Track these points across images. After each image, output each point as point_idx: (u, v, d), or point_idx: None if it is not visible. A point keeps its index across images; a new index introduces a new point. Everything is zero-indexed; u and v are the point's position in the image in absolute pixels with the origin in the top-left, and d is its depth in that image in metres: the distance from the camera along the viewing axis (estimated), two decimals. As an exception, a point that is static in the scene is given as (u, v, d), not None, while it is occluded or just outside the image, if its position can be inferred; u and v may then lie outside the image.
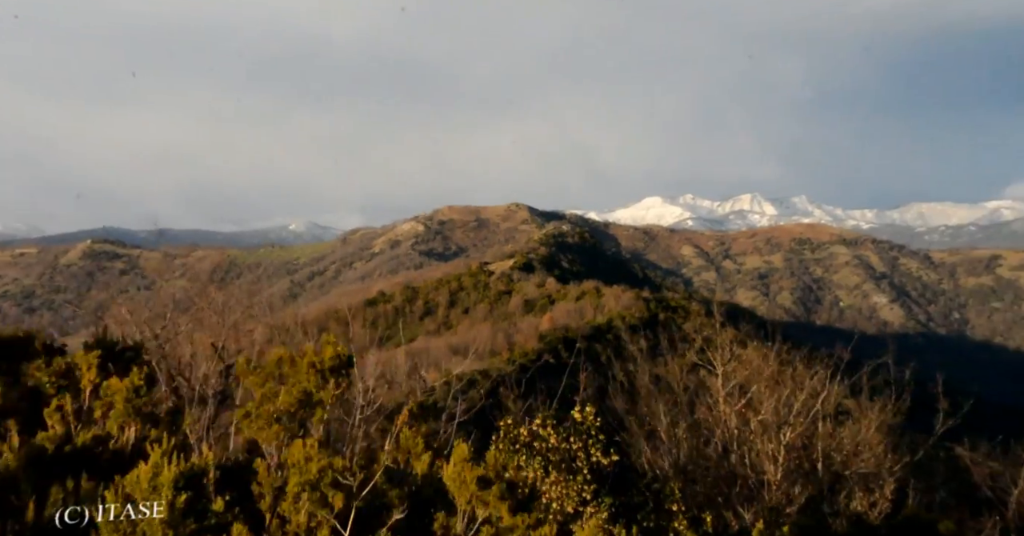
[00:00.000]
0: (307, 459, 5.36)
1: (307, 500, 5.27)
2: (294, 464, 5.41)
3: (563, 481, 5.96)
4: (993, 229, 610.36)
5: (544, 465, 6.09)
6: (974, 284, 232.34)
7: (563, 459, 6.07)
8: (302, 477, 5.31)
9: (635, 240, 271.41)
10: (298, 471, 5.35)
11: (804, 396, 10.89)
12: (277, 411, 6.12)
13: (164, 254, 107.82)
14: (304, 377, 6.29)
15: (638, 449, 9.88)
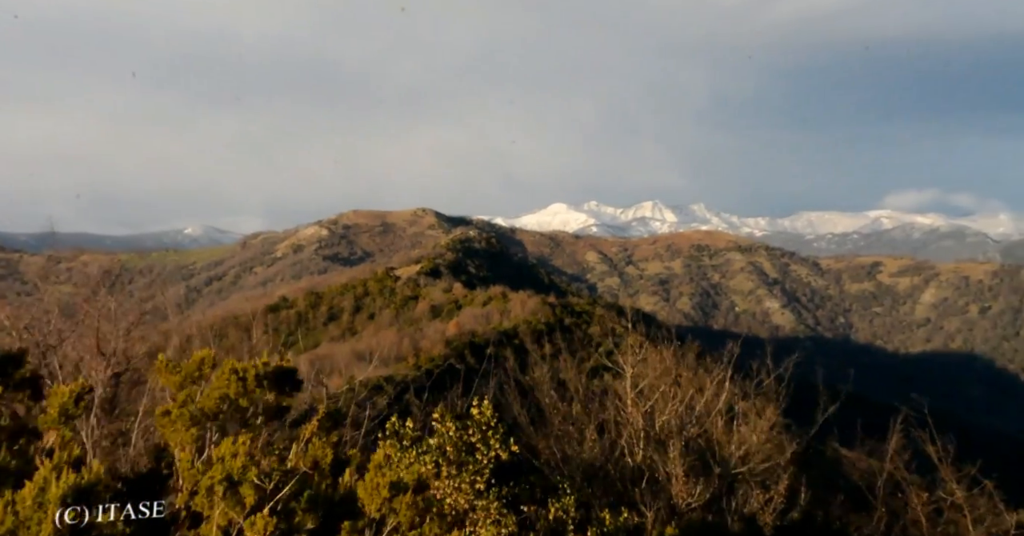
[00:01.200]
0: (234, 455, 5.19)
1: (222, 496, 5.09)
2: (219, 458, 5.23)
3: (456, 475, 5.96)
4: (874, 237, 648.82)
5: (436, 460, 6.07)
6: (857, 290, 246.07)
7: (460, 453, 6.08)
8: (223, 471, 5.14)
9: (541, 246, 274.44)
10: (221, 465, 5.16)
11: (704, 397, 11.27)
12: (200, 412, 5.90)
13: (48, 258, 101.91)
14: (233, 380, 6.08)
15: (545, 451, 9.99)
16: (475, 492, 6.04)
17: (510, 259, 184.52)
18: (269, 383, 6.23)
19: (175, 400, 6.08)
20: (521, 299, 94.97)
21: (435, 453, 6.23)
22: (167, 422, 5.80)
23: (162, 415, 5.84)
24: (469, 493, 6.01)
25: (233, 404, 6.02)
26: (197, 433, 5.77)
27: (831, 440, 25.55)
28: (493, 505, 5.99)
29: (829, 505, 12.43)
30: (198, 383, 6.20)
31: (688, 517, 8.64)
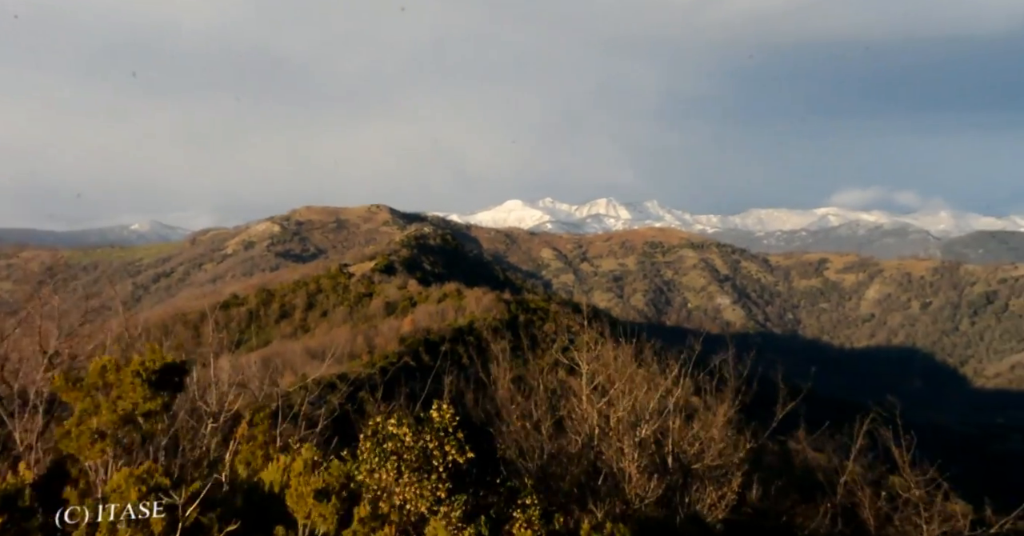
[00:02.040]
0: (126, 485, 4.97)
1: (123, 532, 4.90)
2: (113, 490, 5.00)
3: (417, 481, 5.89)
4: (822, 234, 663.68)
5: (398, 466, 5.99)
6: (805, 286, 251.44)
7: (418, 458, 6.00)
8: (119, 506, 4.92)
9: (496, 242, 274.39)
10: (118, 497, 4.95)
11: (658, 394, 11.35)
12: (101, 427, 5.65)
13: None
14: (129, 389, 5.83)
15: (501, 448, 9.96)
16: (435, 499, 5.96)
17: (465, 256, 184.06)
18: (155, 381, 5.98)
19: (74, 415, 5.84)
20: (476, 296, 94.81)
21: (394, 460, 6.13)
22: (68, 442, 5.57)
23: (63, 435, 5.60)
24: (429, 499, 5.94)
25: (133, 413, 5.78)
26: (103, 447, 5.55)
27: (782, 434, 26.04)
28: (455, 513, 5.92)
29: (780, 501, 12.64)
30: (103, 392, 5.94)
31: (642, 513, 8.69)
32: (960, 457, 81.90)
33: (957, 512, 11.51)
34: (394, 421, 6.20)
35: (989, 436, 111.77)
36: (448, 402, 6.66)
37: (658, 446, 10.57)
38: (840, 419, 13.91)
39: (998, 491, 13.42)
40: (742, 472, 11.04)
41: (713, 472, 10.83)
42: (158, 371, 5.89)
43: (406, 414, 6.39)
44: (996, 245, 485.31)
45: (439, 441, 6.08)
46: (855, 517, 11.84)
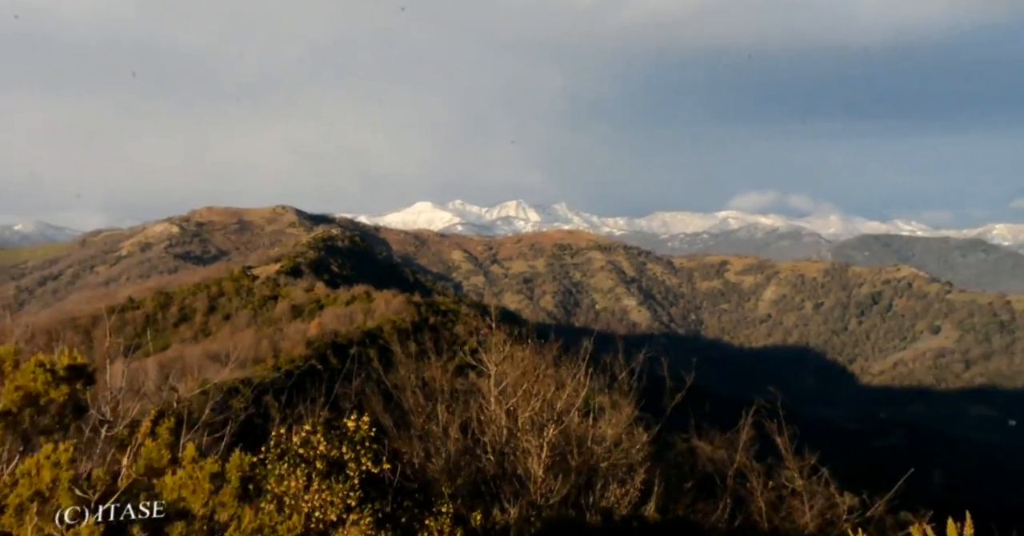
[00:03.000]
0: (39, 468, 4.78)
1: (34, 513, 4.71)
2: (25, 473, 4.80)
3: (327, 489, 5.84)
4: (722, 237, 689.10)
5: (308, 473, 5.92)
6: (707, 288, 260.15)
7: (330, 467, 5.95)
8: (31, 487, 4.74)
9: (406, 244, 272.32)
10: (28, 481, 4.75)
11: (565, 394, 11.56)
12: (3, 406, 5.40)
13: None
14: (30, 376, 5.57)
15: (410, 452, 9.94)
16: (345, 506, 5.92)
17: (374, 258, 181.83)
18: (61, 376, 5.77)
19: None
20: (386, 298, 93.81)
21: (305, 466, 6.05)
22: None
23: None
24: (339, 506, 5.89)
25: (39, 400, 5.54)
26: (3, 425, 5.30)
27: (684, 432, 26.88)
28: (365, 520, 5.89)
29: (681, 495, 13.07)
30: None
31: (548, 513, 8.85)
32: (846, 451, 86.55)
33: (837, 499, 12.20)
34: (308, 427, 6.13)
35: (873, 431, 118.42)
36: (357, 409, 6.62)
37: (564, 446, 10.77)
38: (738, 416, 14.48)
39: (880, 483, 14.27)
40: (645, 469, 11.38)
41: (617, 470, 11.12)
42: (65, 367, 5.65)
43: (319, 421, 6.31)
44: (880, 248, 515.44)
45: (354, 452, 6.05)
46: (747, 507, 12.39)
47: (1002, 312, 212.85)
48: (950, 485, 78.27)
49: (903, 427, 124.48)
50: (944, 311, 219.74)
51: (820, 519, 12.28)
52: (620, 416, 12.24)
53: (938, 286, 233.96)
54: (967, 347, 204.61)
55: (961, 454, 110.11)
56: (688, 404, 14.12)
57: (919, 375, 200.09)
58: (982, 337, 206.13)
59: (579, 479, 10.42)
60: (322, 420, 6.39)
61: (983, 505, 13.97)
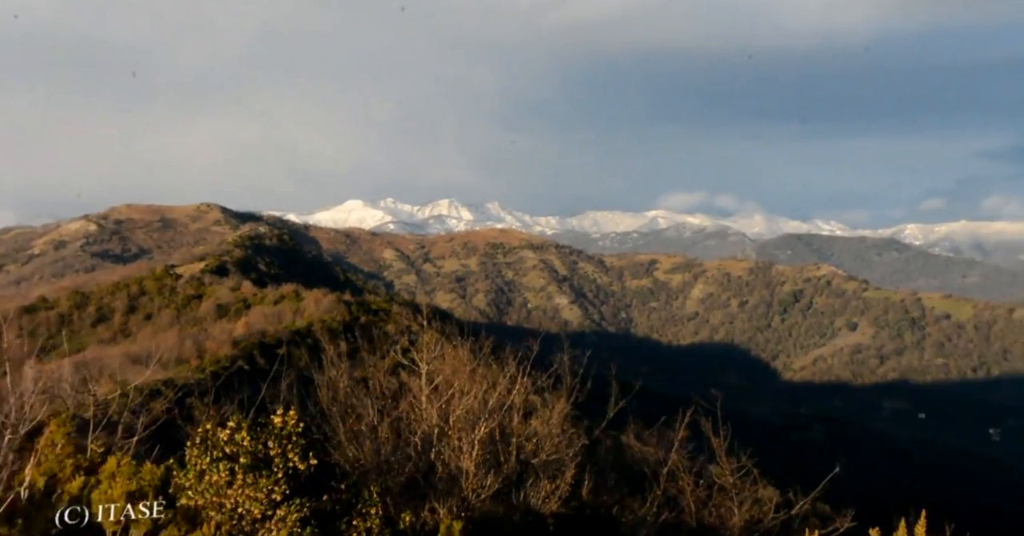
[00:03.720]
0: None
1: None
2: None
3: (251, 484, 5.70)
4: (652, 236, 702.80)
5: (230, 469, 5.76)
6: (637, 286, 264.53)
7: (255, 463, 5.80)
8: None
9: (336, 243, 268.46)
10: None
11: (497, 392, 11.57)
12: None
13: None
14: None
15: (341, 450, 9.78)
16: (270, 502, 5.79)
17: (304, 257, 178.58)
18: None
19: None
20: (316, 297, 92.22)
21: (228, 462, 5.88)
22: None
23: None
24: (264, 502, 5.74)
25: None
26: None
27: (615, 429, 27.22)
28: (291, 517, 5.77)
29: (610, 492, 13.24)
30: None
31: (478, 509, 8.83)
32: (769, 446, 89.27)
33: (764, 496, 12.54)
34: (233, 424, 5.96)
35: (794, 426, 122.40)
36: (285, 406, 6.47)
37: (496, 443, 10.78)
38: (667, 413, 14.74)
39: (802, 477, 14.78)
40: (575, 465, 11.47)
41: (548, 466, 11.18)
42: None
43: (243, 419, 6.13)
44: (802, 247, 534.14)
45: (281, 447, 5.91)
46: (677, 504, 12.63)
47: (913, 309, 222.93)
48: (865, 477, 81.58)
49: (822, 421, 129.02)
50: (861, 308, 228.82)
51: (747, 516, 12.60)
52: (553, 414, 12.31)
53: (855, 284, 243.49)
54: (882, 343, 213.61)
55: (875, 446, 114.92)
56: (617, 402, 14.31)
57: (837, 370, 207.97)
58: (895, 333, 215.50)
59: (511, 476, 10.43)
60: (244, 418, 6.22)
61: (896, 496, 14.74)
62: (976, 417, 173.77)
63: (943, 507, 30.86)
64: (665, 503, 12.55)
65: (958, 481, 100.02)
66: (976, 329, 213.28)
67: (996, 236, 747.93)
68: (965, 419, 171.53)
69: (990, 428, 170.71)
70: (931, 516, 12.31)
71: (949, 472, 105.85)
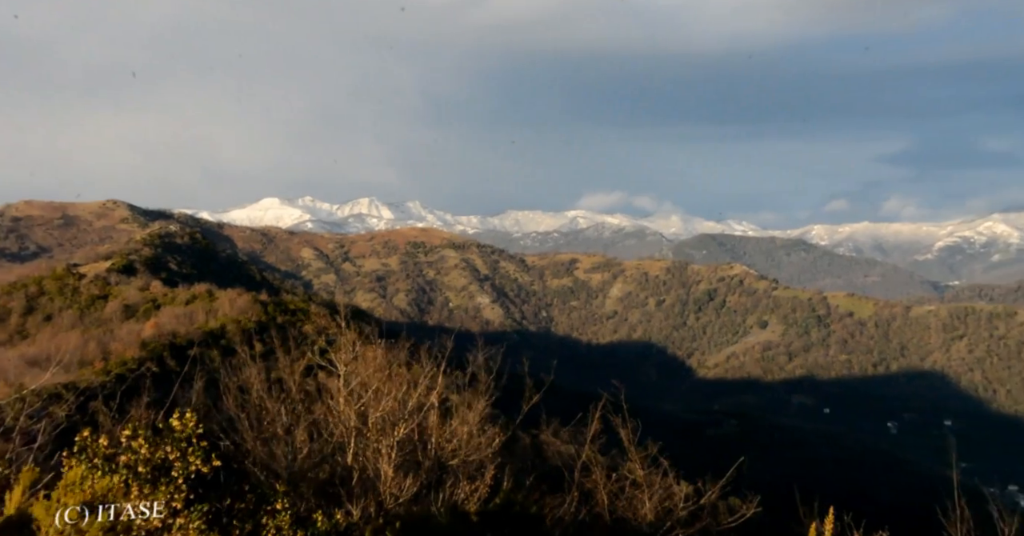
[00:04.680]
0: None
1: None
2: None
3: (150, 493, 5.49)
4: (572, 235, 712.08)
5: (126, 478, 5.54)
6: (557, 285, 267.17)
7: (153, 470, 5.60)
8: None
9: (252, 242, 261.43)
10: None
11: (418, 392, 11.52)
12: None
13: None
14: None
15: (252, 454, 9.56)
16: (171, 510, 5.59)
17: (217, 256, 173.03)
18: None
19: None
20: (230, 297, 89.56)
21: (123, 471, 5.65)
22: None
23: None
24: (163, 511, 5.54)
25: None
26: None
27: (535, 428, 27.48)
28: (193, 524, 5.59)
29: (529, 490, 13.37)
30: None
31: (395, 512, 8.78)
32: (683, 441, 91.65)
33: (674, 489, 12.91)
34: (128, 432, 5.72)
35: (707, 421, 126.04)
36: (195, 409, 6.28)
37: (416, 444, 10.73)
38: (584, 410, 14.97)
39: (714, 471, 15.27)
40: (495, 465, 11.54)
41: (468, 466, 11.21)
42: None
43: (140, 424, 5.91)
44: (716, 247, 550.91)
45: (181, 451, 5.71)
46: (592, 499, 12.86)
47: (819, 307, 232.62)
48: (773, 470, 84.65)
49: (734, 417, 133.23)
50: (771, 307, 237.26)
51: (659, 508, 12.95)
52: (473, 413, 12.35)
53: (766, 283, 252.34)
54: (790, 340, 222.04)
55: (783, 440, 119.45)
56: (542, 399, 14.46)
57: (749, 367, 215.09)
58: (802, 331, 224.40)
59: (429, 477, 10.41)
60: (145, 423, 6.00)
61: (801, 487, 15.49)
62: (876, 411, 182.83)
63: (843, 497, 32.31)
64: (581, 498, 12.77)
65: (858, 473, 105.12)
66: (876, 326, 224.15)
67: (894, 237, 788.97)
68: (866, 413, 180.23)
69: (888, 421, 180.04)
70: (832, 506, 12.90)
71: (850, 464, 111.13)
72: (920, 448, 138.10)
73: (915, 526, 17.00)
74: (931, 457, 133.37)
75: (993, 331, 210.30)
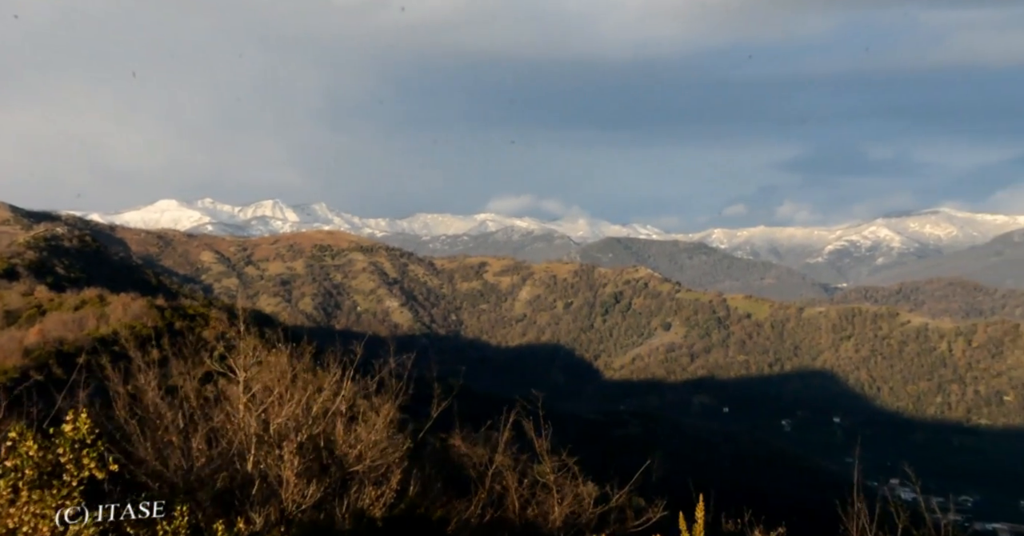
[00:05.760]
0: None
1: None
2: None
3: (39, 500, 5.18)
4: (481, 238, 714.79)
5: (13, 484, 5.21)
6: (467, 288, 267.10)
7: (43, 475, 5.29)
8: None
9: (148, 245, 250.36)
10: None
11: (322, 398, 11.30)
12: None
13: None
14: None
15: (147, 462, 9.17)
16: (61, 518, 5.30)
17: (110, 259, 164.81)
18: None
19: None
20: (124, 302, 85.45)
21: (11, 476, 5.31)
22: None
23: None
24: (53, 519, 5.24)
25: None
26: None
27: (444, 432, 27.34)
28: (86, 532, 5.32)
29: (437, 494, 13.31)
30: None
31: (298, 519, 8.59)
32: (590, 442, 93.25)
33: (583, 492, 13.13)
34: (15, 434, 5.38)
35: (613, 422, 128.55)
36: (87, 414, 5.96)
37: (320, 450, 10.52)
38: (494, 414, 15.03)
39: (621, 471, 15.60)
40: (401, 470, 11.44)
41: (373, 472, 11.07)
42: None
43: (28, 429, 5.57)
44: (622, 250, 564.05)
45: (75, 454, 5.41)
46: (502, 504, 12.92)
47: (719, 309, 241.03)
48: (677, 469, 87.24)
49: (639, 417, 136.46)
50: (674, 309, 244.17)
51: (568, 512, 13.12)
52: (379, 418, 12.20)
53: (669, 286, 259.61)
54: (692, 342, 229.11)
55: (685, 440, 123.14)
56: (451, 403, 14.42)
57: (653, 368, 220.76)
58: (704, 332, 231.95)
59: (334, 483, 10.23)
60: (27, 427, 5.66)
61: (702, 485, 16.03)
62: (772, 409, 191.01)
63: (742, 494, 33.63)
64: (490, 502, 12.79)
65: (755, 470, 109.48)
66: (772, 327, 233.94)
67: (788, 241, 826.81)
68: (762, 412, 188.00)
69: (783, 419, 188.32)
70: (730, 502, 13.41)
71: (748, 462, 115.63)
72: (812, 444, 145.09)
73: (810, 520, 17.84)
74: (822, 453, 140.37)
75: (877, 331, 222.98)
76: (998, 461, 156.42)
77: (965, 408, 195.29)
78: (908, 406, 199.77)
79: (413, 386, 13.51)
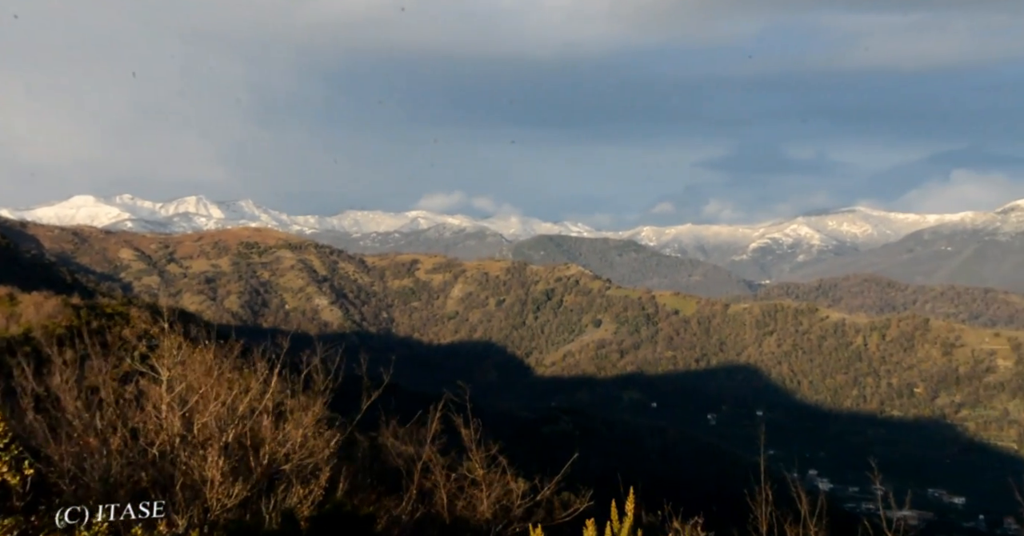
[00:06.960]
0: None
1: None
2: None
3: None
4: (413, 236, 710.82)
5: None
6: (398, 286, 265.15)
7: None
8: None
9: (62, 242, 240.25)
10: None
11: (248, 396, 11.13)
12: None
13: None
14: None
15: (62, 465, 8.87)
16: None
17: (20, 257, 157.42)
18: None
19: None
20: (36, 301, 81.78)
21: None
22: None
23: None
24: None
25: None
26: None
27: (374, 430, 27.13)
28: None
29: (366, 492, 13.26)
30: None
31: (223, 519, 8.46)
32: (521, 439, 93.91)
33: (512, 486, 13.29)
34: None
35: (543, 419, 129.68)
36: None
37: (247, 449, 10.36)
38: (424, 410, 15.03)
39: (551, 467, 15.83)
40: (330, 468, 11.36)
41: (301, 471, 10.96)
42: None
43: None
44: (554, 248, 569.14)
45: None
46: (431, 499, 12.97)
47: (648, 306, 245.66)
48: (606, 464, 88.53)
49: (569, 413, 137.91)
50: (605, 305, 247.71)
51: (496, 506, 13.26)
52: (307, 416, 12.08)
53: (600, 283, 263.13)
54: (622, 338, 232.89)
55: (614, 435, 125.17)
56: (378, 401, 14.38)
57: (584, 365, 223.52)
58: (633, 329, 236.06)
59: (261, 482, 10.09)
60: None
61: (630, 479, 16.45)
62: (698, 404, 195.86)
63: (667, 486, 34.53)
64: (420, 498, 12.82)
65: (681, 463, 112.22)
66: (699, 323, 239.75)
67: (714, 238, 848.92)
68: (689, 406, 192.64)
69: (708, 414, 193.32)
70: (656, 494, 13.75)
71: (674, 455, 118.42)
72: (735, 438, 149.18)
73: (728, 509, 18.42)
74: (744, 446, 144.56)
75: (798, 327, 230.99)
76: (907, 451, 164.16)
77: (879, 400, 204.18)
78: (826, 399, 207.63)
79: (342, 383, 13.42)
